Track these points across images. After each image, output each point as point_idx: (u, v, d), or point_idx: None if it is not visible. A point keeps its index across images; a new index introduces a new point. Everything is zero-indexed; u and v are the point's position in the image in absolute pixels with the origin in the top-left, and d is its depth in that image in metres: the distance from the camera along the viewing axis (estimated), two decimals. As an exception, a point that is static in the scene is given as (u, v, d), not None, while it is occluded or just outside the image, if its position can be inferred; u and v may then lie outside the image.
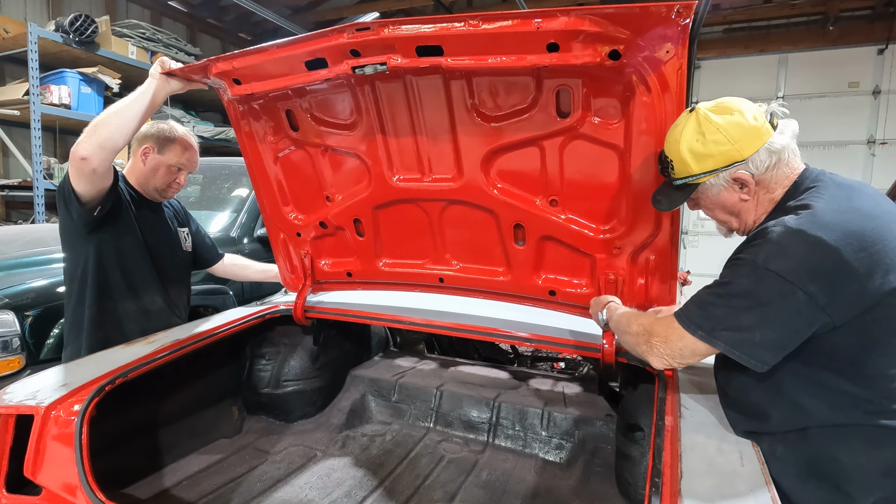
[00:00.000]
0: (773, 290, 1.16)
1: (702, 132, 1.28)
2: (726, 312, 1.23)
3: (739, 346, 1.21)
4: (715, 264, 6.08)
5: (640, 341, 1.40)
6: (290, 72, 1.70)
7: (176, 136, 2.12)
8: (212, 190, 4.00)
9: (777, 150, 1.27)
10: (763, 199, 1.32)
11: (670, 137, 1.36)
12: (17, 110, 5.05)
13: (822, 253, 1.13)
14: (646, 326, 1.40)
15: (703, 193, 1.37)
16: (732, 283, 1.24)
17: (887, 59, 7.05)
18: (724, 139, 1.26)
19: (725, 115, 1.28)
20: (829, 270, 1.13)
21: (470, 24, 1.38)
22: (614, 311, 1.62)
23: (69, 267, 2.06)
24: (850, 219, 1.16)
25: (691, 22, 1.22)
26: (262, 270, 2.63)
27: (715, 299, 1.26)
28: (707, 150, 1.28)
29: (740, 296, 1.21)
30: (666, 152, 1.37)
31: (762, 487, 1.15)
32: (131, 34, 6.00)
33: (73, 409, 1.48)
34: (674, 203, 1.42)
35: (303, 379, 2.47)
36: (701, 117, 1.29)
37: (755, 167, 1.28)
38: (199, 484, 1.95)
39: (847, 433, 1.21)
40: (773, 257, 1.17)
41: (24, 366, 2.36)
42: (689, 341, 1.27)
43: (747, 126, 1.26)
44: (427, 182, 1.90)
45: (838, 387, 1.21)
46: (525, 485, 2.03)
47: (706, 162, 1.29)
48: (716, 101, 1.32)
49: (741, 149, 1.26)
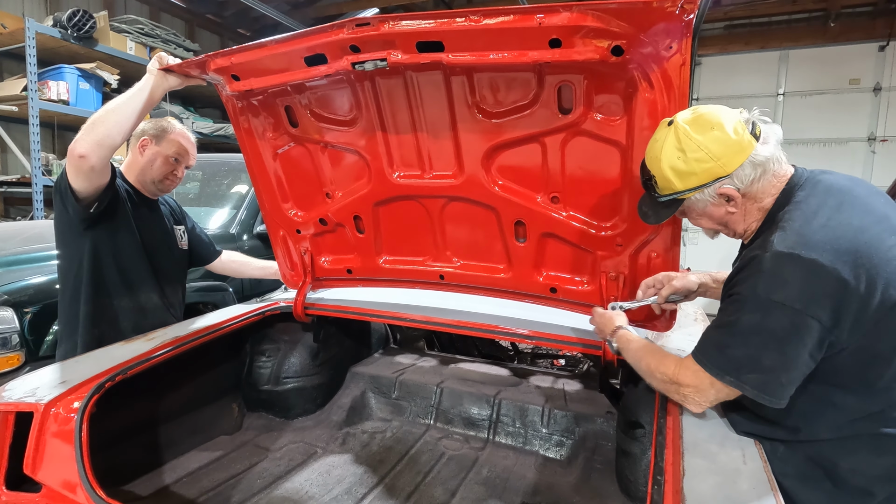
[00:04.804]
0: (784, 322, 1.13)
1: (682, 149, 1.24)
2: (746, 354, 1.19)
3: (766, 388, 1.17)
4: (715, 261, 6.15)
5: (671, 390, 1.35)
6: (289, 68, 1.69)
7: (174, 129, 2.14)
8: (211, 186, 3.99)
9: (761, 161, 1.23)
10: (751, 208, 1.30)
11: (650, 153, 1.32)
12: (15, 106, 5.02)
13: (821, 275, 1.11)
14: (671, 377, 1.33)
15: (689, 207, 1.34)
16: (741, 321, 1.20)
17: (888, 55, 7.03)
18: (706, 156, 1.22)
19: (705, 130, 1.23)
20: (831, 293, 1.11)
21: (471, 19, 1.37)
22: (626, 342, 1.54)
23: (64, 264, 2.05)
24: (841, 235, 1.14)
25: (694, 17, 1.21)
26: (262, 267, 2.63)
27: (729, 339, 1.22)
28: (689, 167, 1.24)
29: (753, 333, 1.18)
30: (648, 166, 1.34)
31: (765, 486, 1.14)
32: (130, 30, 5.97)
33: (72, 406, 1.47)
34: (661, 217, 1.39)
35: (303, 376, 2.47)
36: (680, 132, 1.25)
37: (740, 181, 1.24)
38: (200, 481, 1.94)
39: (850, 442, 1.21)
40: (774, 287, 1.14)
41: (23, 362, 2.35)
42: (720, 387, 1.24)
43: (728, 141, 1.21)
44: (427, 179, 1.89)
45: (844, 402, 1.20)
46: (525, 481, 2.03)
47: (689, 179, 1.26)
48: (694, 114, 1.26)
49: (724, 165, 1.22)
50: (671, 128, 1.27)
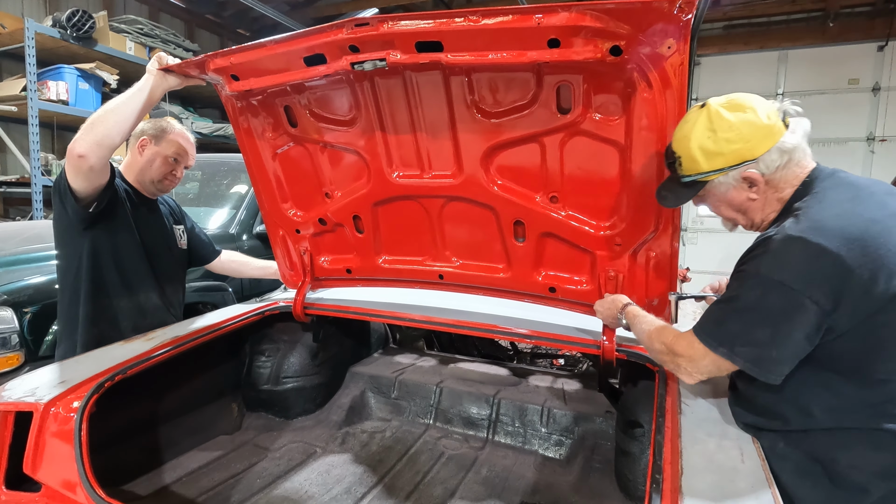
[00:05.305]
0: (781, 301, 1.16)
1: (713, 129, 1.26)
2: (741, 328, 1.23)
3: (758, 362, 1.21)
4: (714, 261, 6.17)
5: (667, 360, 1.40)
6: (289, 68, 1.69)
7: (173, 129, 2.14)
8: (211, 186, 4.00)
9: (788, 149, 1.25)
10: (771, 198, 1.31)
11: (679, 133, 1.34)
12: (14, 106, 5.02)
13: (824, 260, 1.12)
14: (668, 345, 1.38)
15: (710, 191, 1.36)
16: (741, 297, 1.24)
17: (887, 55, 7.04)
18: (737, 137, 1.25)
19: (738, 112, 1.26)
20: (832, 277, 1.12)
21: (470, 19, 1.38)
22: (633, 317, 1.60)
23: (63, 263, 2.05)
24: (852, 223, 1.15)
25: (692, 17, 1.22)
26: (261, 267, 2.63)
27: (728, 314, 1.26)
28: (718, 147, 1.26)
29: (750, 309, 1.21)
30: (674, 148, 1.35)
31: (763, 484, 1.15)
32: (129, 30, 5.97)
33: (72, 405, 1.48)
34: (680, 200, 1.41)
35: (302, 376, 2.47)
36: (713, 114, 1.27)
37: (766, 167, 1.26)
38: (199, 480, 1.95)
39: (849, 436, 1.22)
40: (776, 267, 1.17)
41: (22, 362, 2.36)
42: (713, 359, 1.27)
43: (760, 125, 1.24)
44: (427, 178, 1.89)
45: (843, 390, 1.21)
46: (525, 481, 2.03)
47: (716, 160, 1.28)
48: (728, 98, 1.30)
49: (753, 148, 1.25)
50: (703, 109, 1.29)
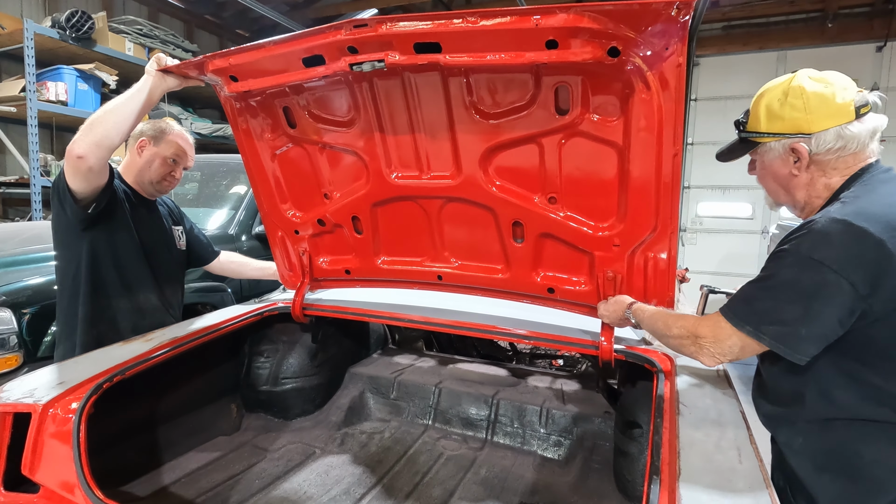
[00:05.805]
0: (817, 280, 1.14)
1: (786, 93, 1.28)
2: (772, 306, 1.21)
3: (784, 340, 1.19)
4: (713, 261, 6.16)
5: (686, 343, 1.36)
6: (288, 69, 1.69)
7: (172, 130, 2.15)
8: (210, 187, 4.00)
9: (847, 136, 1.24)
10: (817, 180, 1.30)
11: (761, 91, 1.36)
12: (13, 107, 5.02)
13: (866, 243, 1.12)
14: (689, 328, 1.36)
15: (760, 155, 1.37)
16: (776, 275, 1.22)
17: (886, 56, 7.05)
18: (802, 106, 1.25)
19: (818, 84, 1.25)
20: (872, 261, 1.11)
21: (468, 20, 1.38)
22: (642, 311, 1.59)
23: (62, 264, 2.05)
24: None
25: (690, 19, 1.22)
26: (260, 268, 2.63)
27: (760, 293, 1.24)
28: (782, 111, 1.28)
29: (784, 287, 1.19)
30: (750, 106, 1.38)
31: (761, 484, 1.15)
32: (128, 30, 5.97)
33: (70, 406, 1.48)
34: (733, 155, 1.43)
35: (301, 376, 2.47)
36: (795, 80, 1.28)
37: (817, 145, 1.25)
38: (198, 481, 1.94)
39: (871, 430, 1.20)
40: (817, 246, 1.16)
41: (21, 363, 2.36)
42: (738, 338, 1.25)
43: (830, 102, 1.23)
44: (425, 179, 1.89)
45: (868, 380, 1.19)
46: (523, 481, 2.03)
47: (775, 123, 1.29)
48: (823, 72, 1.29)
49: (812, 122, 1.24)
50: (793, 75, 1.30)
